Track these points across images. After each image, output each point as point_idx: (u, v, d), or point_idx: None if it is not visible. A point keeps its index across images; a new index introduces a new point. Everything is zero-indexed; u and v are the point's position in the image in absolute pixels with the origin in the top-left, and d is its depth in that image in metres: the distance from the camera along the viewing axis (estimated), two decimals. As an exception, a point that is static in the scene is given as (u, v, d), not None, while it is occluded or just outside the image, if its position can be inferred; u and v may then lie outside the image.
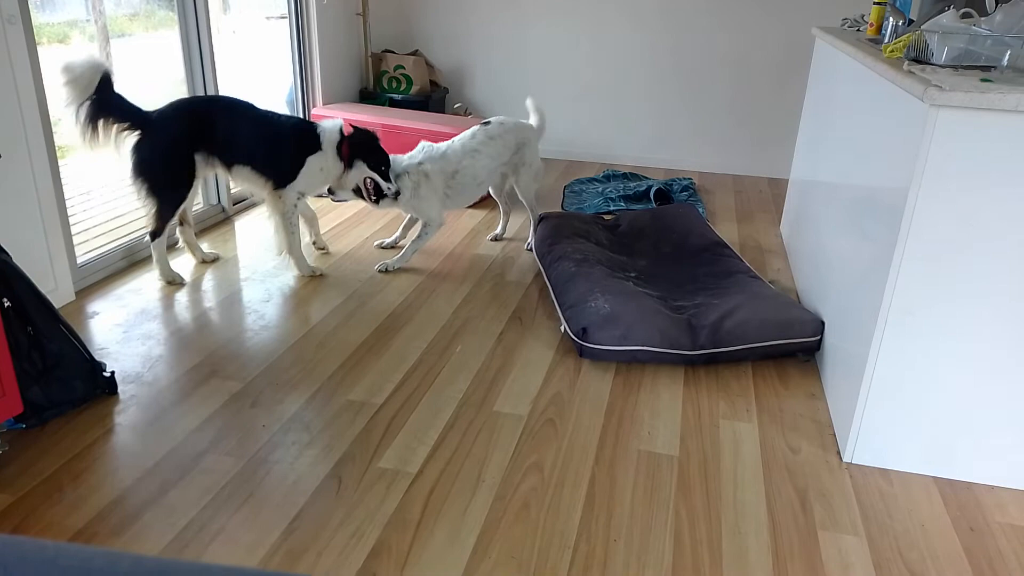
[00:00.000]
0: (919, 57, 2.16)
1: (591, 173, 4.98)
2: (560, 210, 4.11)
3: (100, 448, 2.06)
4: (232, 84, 4.12)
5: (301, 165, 3.09)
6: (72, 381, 2.19)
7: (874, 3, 2.97)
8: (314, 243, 3.51)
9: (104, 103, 2.80)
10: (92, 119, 2.79)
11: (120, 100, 2.84)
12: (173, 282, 3.10)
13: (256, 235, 3.70)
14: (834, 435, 2.22)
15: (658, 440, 2.17)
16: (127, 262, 3.26)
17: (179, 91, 3.63)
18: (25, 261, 2.34)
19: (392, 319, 2.87)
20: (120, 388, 2.33)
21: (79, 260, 3.03)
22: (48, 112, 2.76)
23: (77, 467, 1.97)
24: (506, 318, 2.91)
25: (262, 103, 3.17)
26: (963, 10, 2.24)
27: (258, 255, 3.45)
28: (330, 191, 3.31)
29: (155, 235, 3.03)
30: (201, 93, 3.66)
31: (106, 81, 2.78)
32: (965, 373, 1.94)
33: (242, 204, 4.06)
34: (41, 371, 2.12)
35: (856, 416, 2.06)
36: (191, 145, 2.97)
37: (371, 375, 2.47)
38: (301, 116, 3.19)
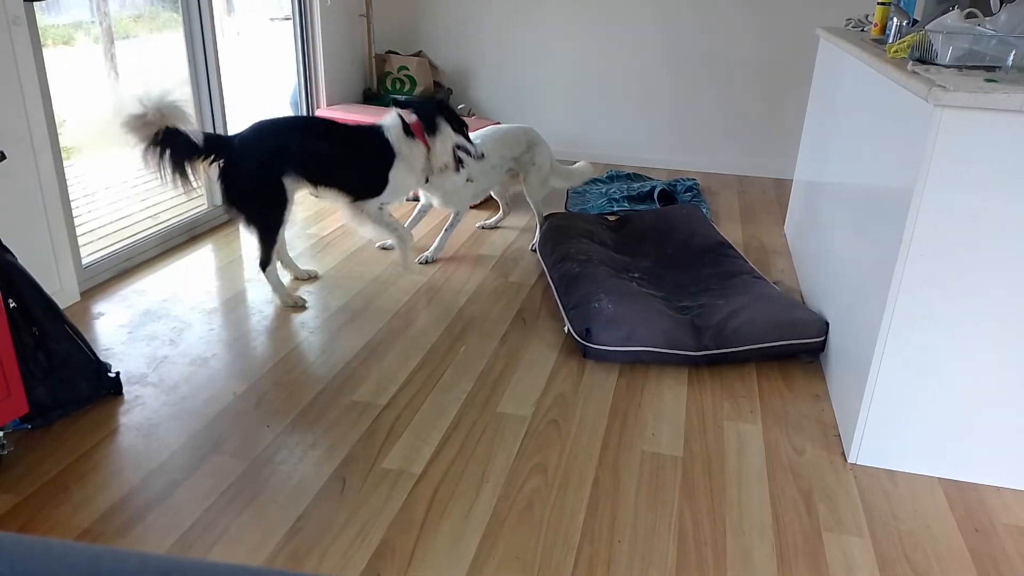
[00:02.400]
0: (923, 57, 2.15)
1: (595, 174, 4.98)
2: (564, 211, 4.11)
3: (105, 449, 2.06)
4: (236, 86, 4.13)
5: (385, 182, 3.02)
6: (77, 382, 2.20)
7: (878, 3, 2.96)
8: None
9: (180, 145, 2.63)
10: (178, 165, 2.64)
11: (192, 138, 2.65)
12: (295, 306, 2.95)
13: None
14: (839, 436, 2.22)
15: (662, 441, 2.17)
16: (132, 263, 3.27)
17: (183, 92, 3.64)
18: (30, 262, 2.34)
19: (396, 320, 2.87)
20: (125, 389, 2.34)
21: (84, 261, 3.04)
22: (53, 113, 2.77)
23: (82, 468, 1.98)
24: (510, 319, 2.91)
25: (268, 103, 3.17)
26: (967, 10, 2.24)
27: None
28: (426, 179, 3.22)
29: (264, 264, 2.93)
30: (205, 93, 3.67)
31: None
32: (970, 373, 1.94)
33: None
34: (46, 372, 2.13)
35: (861, 417, 2.05)
36: (277, 168, 2.83)
37: (375, 376, 2.47)
38: (371, 125, 3.02)
